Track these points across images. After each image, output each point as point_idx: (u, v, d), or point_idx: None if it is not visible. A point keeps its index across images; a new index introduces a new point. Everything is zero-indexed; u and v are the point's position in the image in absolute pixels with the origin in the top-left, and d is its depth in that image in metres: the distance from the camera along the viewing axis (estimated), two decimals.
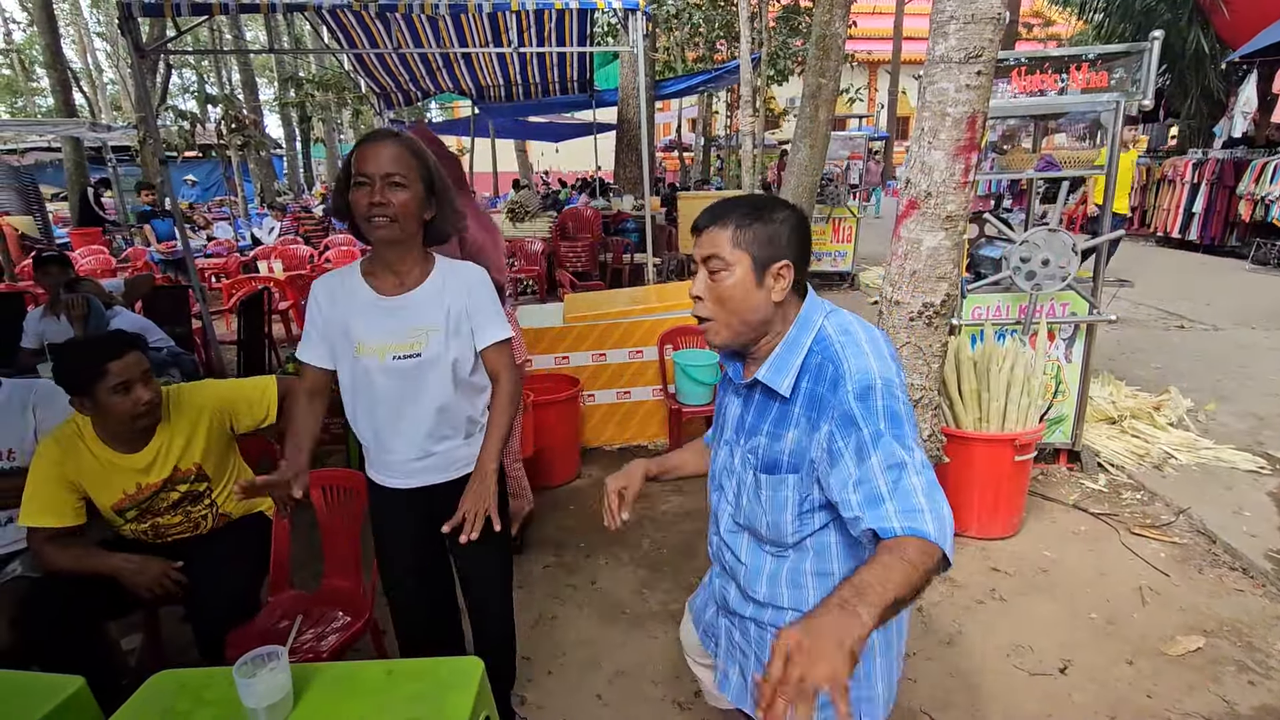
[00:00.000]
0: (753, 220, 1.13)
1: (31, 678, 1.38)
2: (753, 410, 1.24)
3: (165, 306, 4.55)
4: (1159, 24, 9.93)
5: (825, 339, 1.15)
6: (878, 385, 1.07)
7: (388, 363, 1.51)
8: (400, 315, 1.52)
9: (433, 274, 1.56)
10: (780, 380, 1.15)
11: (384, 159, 1.41)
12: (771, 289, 1.15)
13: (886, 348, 1.15)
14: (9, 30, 25.13)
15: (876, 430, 1.04)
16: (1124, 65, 2.90)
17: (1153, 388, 4.15)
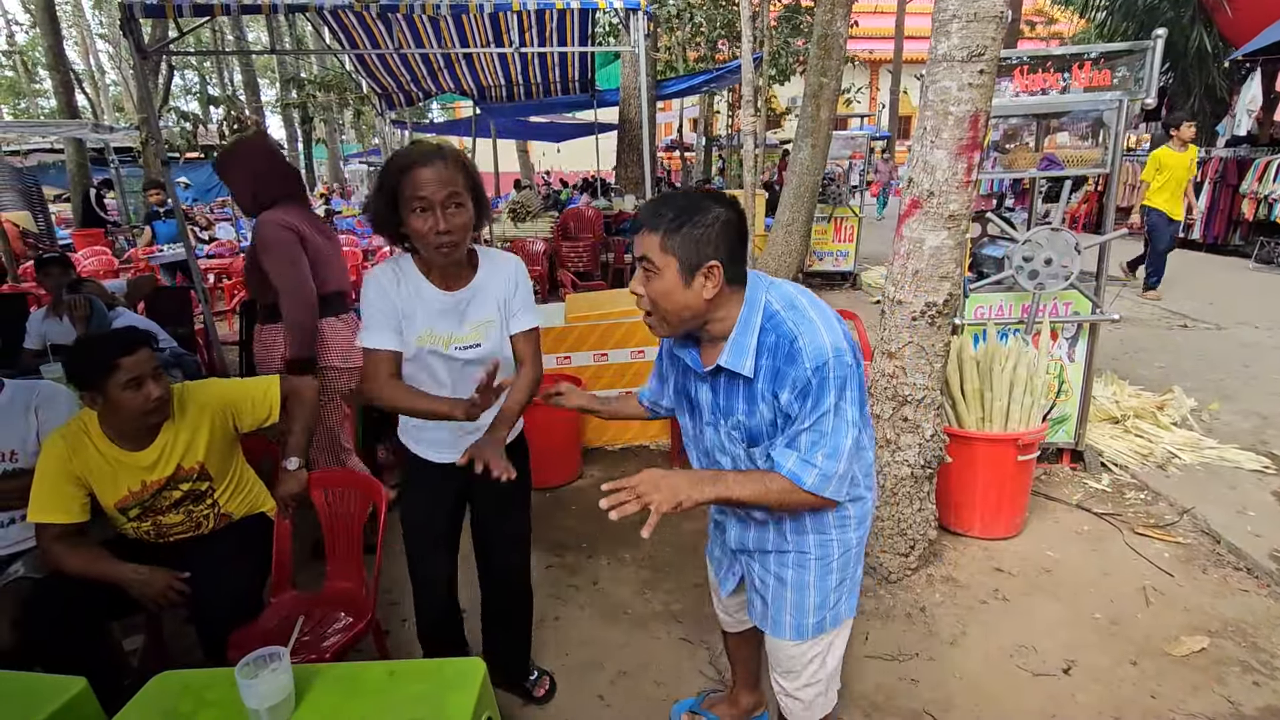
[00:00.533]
0: (680, 225, 1.19)
1: (34, 679, 1.38)
2: (722, 393, 1.33)
3: (167, 307, 4.55)
4: (1162, 22, 9.91)
5: (774, 315, 1.24)
6: (830, 359, 1.19)
7: (451, 352, 1.63)
8: (461, 310, 1.63)
9: (481, 267, 1.67)
10: (741, 363, 1.25)
11: (443, 181, 1.45)
12: (702, 287, 1.21)
13: (831, 312, 1.26)
14: (12, 32, 25.19)
15: (822, 400, 1.20)
16: (1127, 64, 2.89)
17: (1156, 387, 4.14)
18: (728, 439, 1.36)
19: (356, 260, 8.35)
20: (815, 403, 1.20)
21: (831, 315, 1.25)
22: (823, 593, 1.41)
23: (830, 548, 1.39)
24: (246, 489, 2.08)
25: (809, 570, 1.40)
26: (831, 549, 1.39)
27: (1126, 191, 11.10)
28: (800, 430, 1.23)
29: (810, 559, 1.40)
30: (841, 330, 1.23)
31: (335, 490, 2.06)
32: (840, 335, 1.22)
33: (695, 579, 2.65)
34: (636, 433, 3.93)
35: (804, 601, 1.42)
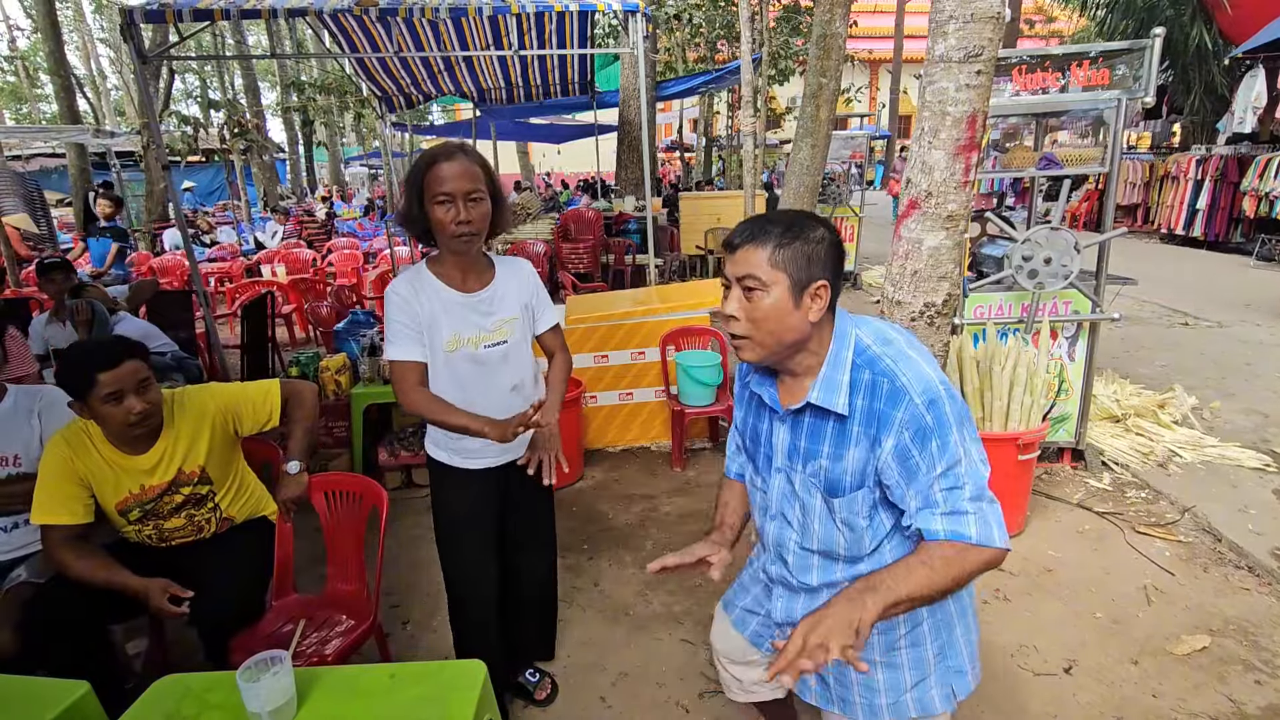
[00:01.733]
0: (791, 240, 1.11)
1: (37, 683, 1.39)
2: (804, 434, 1.21)
3: (169, 311, 4.57)
4: (1161, 20, 9.91)
5: (865, 351, 1.15)
6: (942, 392, 1.09)
7: (479, 351, 1.69)
8: (484, 309, 1.70)
9: (498, 270, 1.75)
10: (835, 400, 1.14)
11: (464, 177, 1.55)
12: (809, 309, 1.13)
13: (927, 350, 1.18)
14: (13, 37, 25.25)
15: (946, 435, 1.08)
16: (1126, 62, 2.90)
17: (1157, 385, 4.14)
18: (802, 488, 1.23)
19: (357, 263, 8.37)
20: (941, 443, 1.08)
21: (928, 352, 1.16)
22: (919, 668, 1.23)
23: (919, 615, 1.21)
24: (248, 492, 2.09)
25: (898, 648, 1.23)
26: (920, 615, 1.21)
27: (1127, 190, 11.11)
28: (931, 482, 1.08)
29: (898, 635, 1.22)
30: (936, 365, 1.15)
31: (336, 493, 2.06)
32: (939, 369, 1.13)
33: (696, 580, 2.65)
34: (637, 434, 3.94)
35: (898, 680, 1.23)
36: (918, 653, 1.23)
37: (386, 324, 1.67)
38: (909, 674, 1.24)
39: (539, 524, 2.00)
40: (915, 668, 1.24)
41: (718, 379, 3.50)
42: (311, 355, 3.69)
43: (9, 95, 26.87)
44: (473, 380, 1.70)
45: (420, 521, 3.18)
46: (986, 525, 1.08)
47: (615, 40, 11.48)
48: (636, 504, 3.29)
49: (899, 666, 1.24)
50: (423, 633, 2.43)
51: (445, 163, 1.54)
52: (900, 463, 1.11)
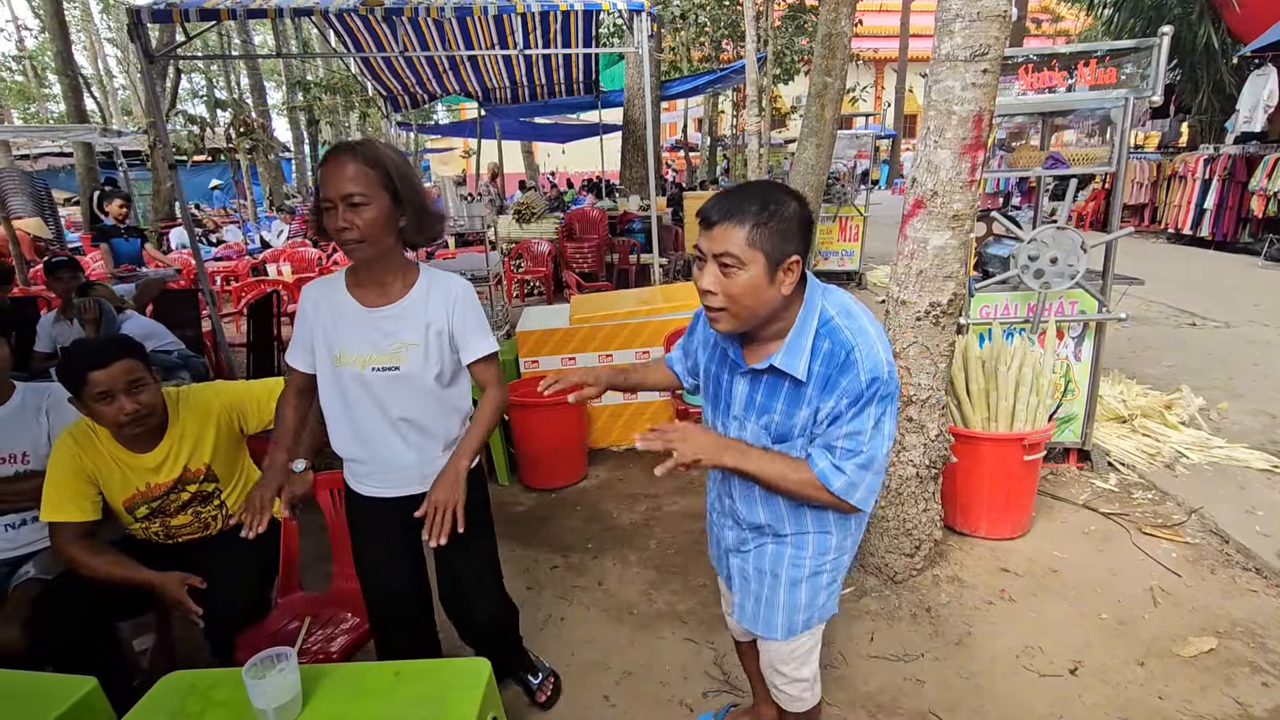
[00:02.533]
0: (768, 219, 1.15)
1: (45, 678, 1.40)
2: (762, 390, 1.31)
3: (175, 310, 4.59)
4: (1169, 18, 9.85)
5: (829, 321, 1.23)
6: (884, 373, 1.19)
7: (366, 374, 1.53)
8: (383, 327, 1.54)
9: (416, 286, 1.56)
10: (796, 365, 1.23)
11: (342, 179, 1.39)
12: (782, 283, 1.19)
13: (881, 327, 1.26)
14: (21, 37, 25.40)
15: (867, 411, 1.20)
16: (1133, 61, 2.88)
17: (1164, 386, 4.12)
18: (752, 435, 1.35)
19: None
20: (860, 413, 1.20)
21: (883, 330, 1.26)
22: (814, 588, 1.42)
23: (826, 543, 1.40)
24: None
25: (802, 567, 1.41)
26: (828, 545, 1.40)
27: (1134, 189, 11.06)
28: (839, 435, 1.22)
29: (805, 555, 1.41)
30: (888, 346, 1.24)
31: (342, 492, 2.06)
32: (889, 352, 1.23)
33: (700, 579, 2.65)
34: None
35: (795, 599, 1.43)
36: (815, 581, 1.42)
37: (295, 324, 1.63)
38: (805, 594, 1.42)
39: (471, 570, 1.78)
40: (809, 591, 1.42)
41: None
42: None
43: (17, 95, 26.99)
44: (357, 402, 1.56)
45: None
46: (852, 487, 1.24)
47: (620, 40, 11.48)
48: (640, 503, 3.30)
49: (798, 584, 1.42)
50: None
51: (328, 165, 1.41)
52: (830, 420, 1.24)
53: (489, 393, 1.63)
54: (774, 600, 1.44)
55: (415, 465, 1.63)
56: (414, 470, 1.63)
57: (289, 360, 1.63)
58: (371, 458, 1.62)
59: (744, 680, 2.12)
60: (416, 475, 1.64)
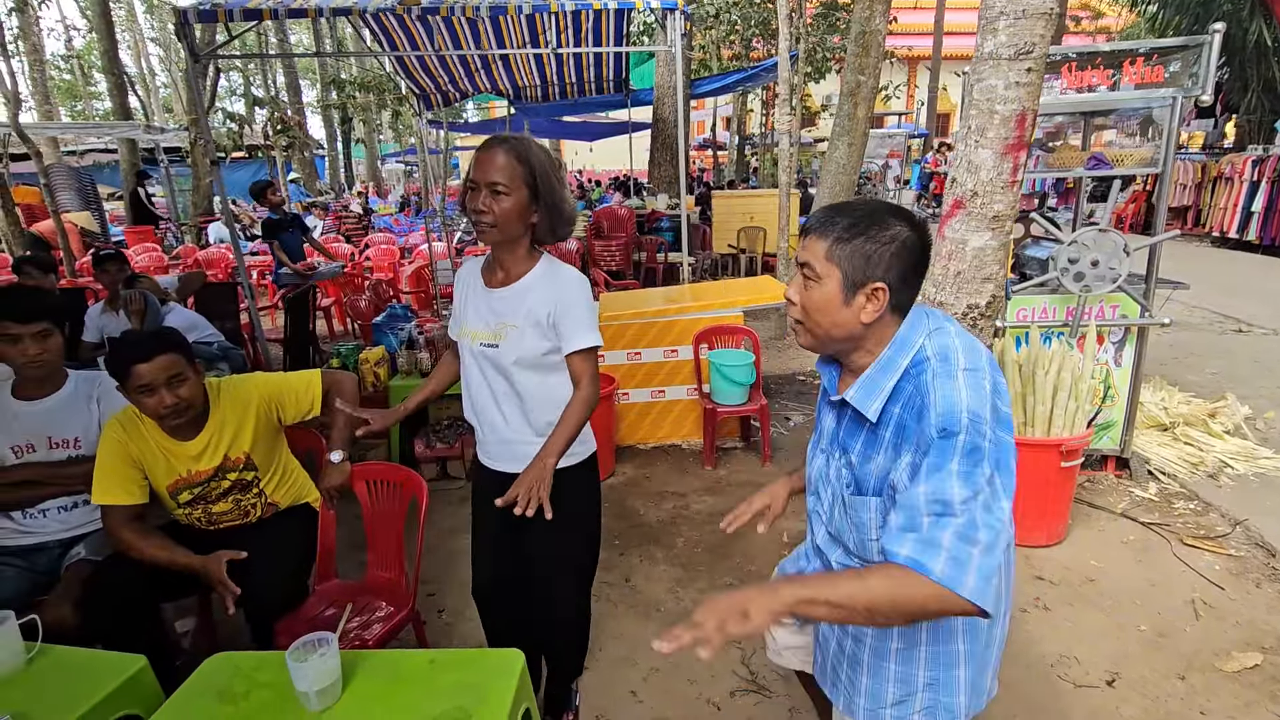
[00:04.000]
0: (854, 235, 1.07)
1: (98, 655, 1.46)
2: (844, 427, 1.20)
3: (215, 302, 4.71)
4: (1218, 15, 9.55)
5: (922, 364, 1.07)
6: (963, 421, 0.99)
7: (477, 348, 1.66)
8: (494, 307, 1.65)
9: (530, 273, 1.65)
10: (868, 405, 1.11)
11: (491, 167, 1.52)
12: (861, 309, 1.09)
13: (989, 374, 1.05)
14: (70, 37, 26.25)
15: (943, 464, 0.99)
16: (1180, 59, 2.80)
17: (1208, 393, 4.00)
18: (835, 474, 1.22)
19: (393, 258, 8.52)
20: (938, 469, 0.99)
21: (984, 377, 1.04)
22: (906, 685, 1.18)
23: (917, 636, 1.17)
24: (291, 479, 2.14)
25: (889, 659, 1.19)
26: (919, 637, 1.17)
27: (1177, 191, 10.74)
28: (919, 501, 0.99)
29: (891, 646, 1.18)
30: (992, 395, 1.03)
31: (378, 482, 2.11)
32: (985, 401, 1.02)
33: (727, 579, 2.65)
34: (668, 431, 3.94)
35: (880, 690, 1.20)
36: (907, 671, 1.18)
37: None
38: (892, 689, 1.19)
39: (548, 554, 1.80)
40: (900, 684, 1.19)
41: (750, 378, 3.49)
42: (353, 347, 3.77)
43: (65, 93, 27.89)
44: (475, 379, 1.70)
45: (455, 513, 3.23)
46: (960, 567, 0.94)
47: (651, 38, 11.48)
48: (667, 501, 3.30)
49: (885, 679, 1.20)
50: (458, 621, 2.47)
51: (483, 151, 1.55)
52: (909, 472, 1.03)
53: (580, 390, 1.64)
54: (855, 682, 1.24)
55: (512, 442, 1.69)
56: (510, 447, 1.70)
57: (450, 331, 1.80)
58: (481, 427, 1.74)
59: (771, 680, 2.11)
60: (510, 453, 1.71)
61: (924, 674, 1.17)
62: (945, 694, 1.17)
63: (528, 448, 1.63)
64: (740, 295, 4.00)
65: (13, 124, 7.98)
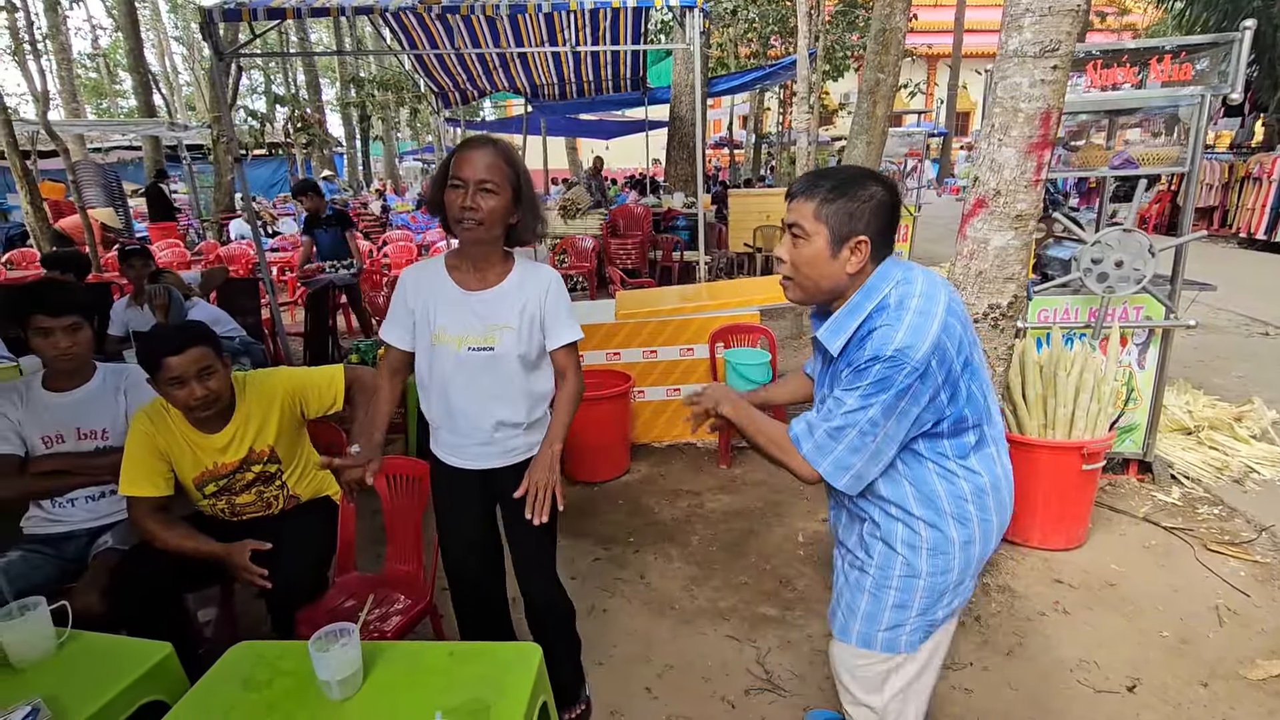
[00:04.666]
0: (837, 196, 1.21)
1: (125, 642, 1.48)
2: (827, 368, 1.37)
3: (237, 298, 4.78)
4: (1248, 12, 9.37)
5: (884, 308, 1.22)
6: (887, 353, 1.16)
7: (463, 353, 1.63)
8: (479, 310, 1.64)
9: (512, 273, 1.67)
10: (833, 341, 1.27)
11: (479, 166, 1.52)
12: (846, 260, 1.23)
13: (940, 317, 1.18)
14: (96, 36, 26.73)
15: (855, 382, 1.20)
16: (1209, 56, 2.75)
17: (1234, 397, 3.93)
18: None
19: (411, 255, 8.59)
20: (851, 386, 1.21)
21: (929, 322, 1.17)
22: (877, 604, 1.37)
23: (892, 561, 1.35)
24: (313, 473, 2.17)
25: (868, 576, 1.38)
26: (893, 564, 1.34)
27: (1203, 191, 10.55)
28: (825, 398, 1.28)
29: (871, 565, 1.38)
30: (926, 340, 1.15)
31: (398, 476, 2.13)
32: (919, 343, 1.15)
33: (742, 578, 2.65)
34: (684, 430, 3.94)
35: (856, 604, 1.40)
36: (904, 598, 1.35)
37: (391, 304, 1.73)
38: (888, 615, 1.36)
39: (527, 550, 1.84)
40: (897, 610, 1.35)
41: (766, 377, 3.47)
42: (371, 343, 3.81)
43: (91, 91, 28.37)
44: (454, 380, 1.65)
45: None
46: (819, 451, 1.25)
47: (668, 36, 11.46)
48: (682, 499, 3.30)
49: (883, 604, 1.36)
50: None
51: (469, 150, 1.54)
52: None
53: (568, 380, 1.72)
54: (854, 605, 1.40)
55: (499, 440, 1.71)
56: (496, 445, 1.72)
57: (385, 337, 1.74)
58: (459, 430, 1.71)
59: (786, 679, 2.11)
60: (498, 450, 1.72)
61: (919, 601, 1.34)
62: (930, 614, 1.36)
63: (514, 441, 1.72)
64: (756, 294, 3.99)
65: (41, 121, 8.15)
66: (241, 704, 1.27)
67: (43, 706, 1.22)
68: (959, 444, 1.27)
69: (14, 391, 2.07)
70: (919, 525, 1.31)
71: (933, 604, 1.35)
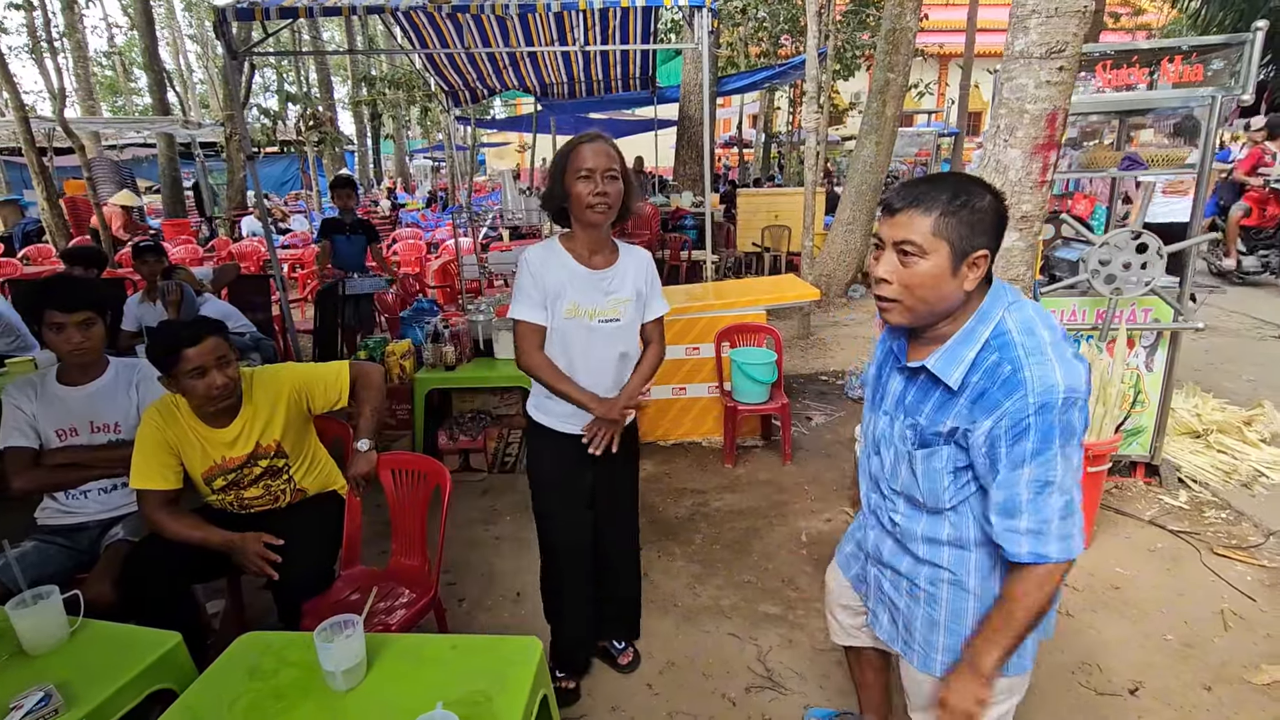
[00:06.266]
0: (959, 208, 1.10)
1: (136, 631, 1.51)
2: (914, 390, 1.25)
3: (248, 294, 4.83)
4: (1264, 12, 9.26)
5: (1004, 335, 1.12)
6: (1058, 399, 1.06)
7: (594, 324, 1.82)
8: (605, 287, 1.84)
9: (621, 255, 1.89)
10: (950, 373, 1.15)
11: (605, 157, 1.72)
12: (965, 278, 1.13)
13: (1072, 351, 1.12)
14: (111, 34, 27.00)
15: (1042, 446, 1.07)
16: (1222, 57, 2.73)
17: (1243, 401, 3.89)
18: (899, 435, 1.28)
19: (420, 253, 8.63)
20: (1036, 448, 1.07)
21: (1073, 355, 1.11)
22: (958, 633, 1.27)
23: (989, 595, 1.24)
24: (320, 467, 2.20)
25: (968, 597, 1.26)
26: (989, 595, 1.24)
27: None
28: (1017, 482, 1.09)
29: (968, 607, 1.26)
30: (1083, 374, 1.09)
31: (403, 472, 2.15)
32: (1079, 378, 1.08)
33: (745, 576, 2.65)
34: (689, 429, 3.95)
35: (960, 628, 1.27)
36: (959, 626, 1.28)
37: (515, 286, 1.85)
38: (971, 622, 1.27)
39: (618, 501, 2.08)
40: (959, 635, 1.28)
41: (772, 377, 3.48)
42: (379, 340, 3.84)
43: (106, 89, 28.65)
44: (582, 346, 1.83)
45: (476, 505, 3.28)
46: (1066, 543, 1.11)
47: (677, 35, 11.46)
48: (687, 498, 3.31)
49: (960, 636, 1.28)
50: (477, 610, 2.51)
51: (588, 144, 1.73)
52: (987, 449, 1.11)
53: (654, 346, 1.97)
54: (928, 622, 1.30)
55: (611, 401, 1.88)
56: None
57: (527, 318, 1.83)
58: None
59: (787, 677, 2.12)
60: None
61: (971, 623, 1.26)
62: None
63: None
64: (763, 294, 3.99)
65: (58, 118, 8.25)
66: (248, 693, 1.30)
67: (55, 692, 1.25)
68: None
69: (29, 385, 2.11)
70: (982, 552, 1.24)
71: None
